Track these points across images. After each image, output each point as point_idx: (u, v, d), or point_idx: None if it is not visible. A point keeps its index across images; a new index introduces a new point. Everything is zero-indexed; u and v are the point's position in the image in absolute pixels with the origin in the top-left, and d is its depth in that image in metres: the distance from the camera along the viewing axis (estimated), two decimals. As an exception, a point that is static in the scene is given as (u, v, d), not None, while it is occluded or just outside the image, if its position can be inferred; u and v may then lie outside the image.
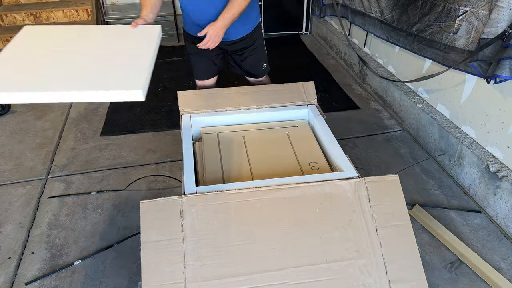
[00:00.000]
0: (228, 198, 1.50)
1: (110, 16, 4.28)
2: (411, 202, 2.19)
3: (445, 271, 1.81)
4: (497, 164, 2.07)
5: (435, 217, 2.08)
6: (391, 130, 2.85)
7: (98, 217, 2.10)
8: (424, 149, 2.62)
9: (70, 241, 1.96)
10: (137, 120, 2.96)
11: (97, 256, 1.88)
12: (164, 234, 1.42)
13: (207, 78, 2.32)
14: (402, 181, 2.21)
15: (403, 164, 2.49)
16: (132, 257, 1.87)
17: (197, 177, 1.77)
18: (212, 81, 2.37)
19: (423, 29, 2.39)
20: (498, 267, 1.83)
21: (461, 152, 2.28)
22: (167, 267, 1.38)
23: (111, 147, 2.66)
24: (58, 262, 1.86)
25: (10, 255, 1.89)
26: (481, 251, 1.91)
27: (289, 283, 1.39)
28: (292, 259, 1.43)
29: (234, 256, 1.41)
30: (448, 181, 2.35)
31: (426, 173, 2.42)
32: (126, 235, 1.98)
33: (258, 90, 2.28)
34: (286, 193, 1.53)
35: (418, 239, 1.94)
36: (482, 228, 2.04)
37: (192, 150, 1.83)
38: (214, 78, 2.36)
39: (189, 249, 1.40)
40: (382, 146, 2.66)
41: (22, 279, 1.78)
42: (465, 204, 2.19)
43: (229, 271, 1.39)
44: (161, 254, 1.39)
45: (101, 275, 1.79)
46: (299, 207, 1.51)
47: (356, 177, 1.61)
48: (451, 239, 1.95)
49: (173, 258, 1.39)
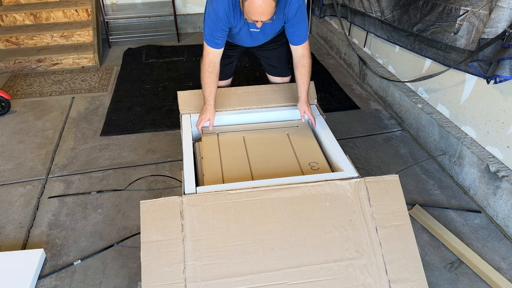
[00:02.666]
0: (228, 198, 1.50)
1: (110, 16, 4.28)
2: (411, 202, 2.19)
3: (445, 271, 1.81)
4: (497, 164, 2.07)
5: (435, 217, 2.08)
6: (391, 130, 2.85)
7: (98, 217, 2.10)
8: (424, 149, 2.62)
9: (70, 241, 1.96)
10: (137, 120, 2.96)
11: (97, 256, 1.88)
12: (164, 234, 1.42)
13: (225, 79, 2.34)
14: (402, 181, 2.21)
15: (403, 164, 2.49)
16: (132, 257, 1.87)
17: (197, 177, 1.77)
18: (228, 82, 2.40)
19: (424, 29, 2.39)
20: (498, 267, 1.83)
21: (461, 152, 2.28)
22: (167, 267, 1.38)
23: (111, 147, 2.66)
24: (58, 262, 1.85)
25: (10, 255, 1.88)
26: (481, 251, 1.91)
27: (289, 283, 1.39)
28: (292, 259, 1.43)
29: (234, 256, 1.41)
30: (448, 181, 2.35)
31: (426, 173, 2.42)
32: (126, 235, 1.98)
33: (258, 90, 2.28)
34: (286, 193, 1.53)
35: (418, 239, 1.94)
36: (482, 228, 2.04)
37: (192, 150, 1.83)
38: (231, 78, 2.39)
39: (189, 249, 1.40)
40: (382, 146, 2.66)
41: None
42: (465, 204, 2.19)
43: (229, 271, 1.39)
44: (161, 254, 1.39)
45: (101, 275, 1.79)
46: (299, 207, 1.51)
47: (356, 177, 1.61)
48: (451, 239, 1.95)
49: (173, 258, 1.39)
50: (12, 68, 3.73)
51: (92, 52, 3.82)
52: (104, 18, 4.21)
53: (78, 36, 3.99)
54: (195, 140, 2.06)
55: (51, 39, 3.94)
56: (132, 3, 4.52)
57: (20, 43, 3.91)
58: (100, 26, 4.26)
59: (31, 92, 3.36)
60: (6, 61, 3.68)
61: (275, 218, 1.48)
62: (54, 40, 3.96)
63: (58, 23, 4.13)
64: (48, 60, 3.77)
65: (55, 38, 3.95)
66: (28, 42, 3.91)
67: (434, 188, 2.30)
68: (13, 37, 3.85)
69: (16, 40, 3.88)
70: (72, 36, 3.98)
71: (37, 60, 3.75)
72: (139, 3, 4.52)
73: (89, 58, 3.85)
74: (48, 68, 3.80)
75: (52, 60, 3.78)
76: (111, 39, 4.42)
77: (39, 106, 3.16)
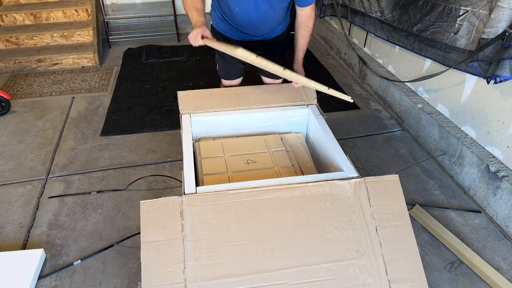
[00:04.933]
0: (228, 198, 1.50)
1: (110, 16, 4.28)
2: (411, 202, 2.19)
3: (445, 271, 1.81)
4: (497, 164, 2.07)
5: (435, 217, 2.08)
6: (391, 130, 2.85)
7: (98, 217, 2.10)
8: (424, 149, 2.62)
9: (70, 241, 1.96)
10: (137, 120, 2.96)
11: (97, 256, 1.88)
12: (164, 234, 1.42)
13: (235, 78, 2.33)
14: (402, 181, 2.21)
15: (403, 164, 2.49)
16: (132, 257, 1.87)
17: (197, 177, 1.77)
18: (239, 81, 2.38)
19: (424, 29, 2.39)
20: (498, 267, 1.83)
21: (461, 152, 2.28)
22: (167, 267, 1.37)
23: (111, 147, 2.66)
24: (58, 262, 1.86)
25: (10, 255, 1.88)
26: (481, 251, 1.91)
27: (289, 283, 1.39)
28: (292, 259, 1.43)
29: (234, 256, 1.41)
30: (448, 181, 2.35)
31: (426, 173, 2.42)
32: (126, 235, 1.98)
33: (258, 90, 2.28)
34: (286, 193, 1.53)
35: (418, 239, 1.94)
36: (482, 228, 2.04)
37: (192, 150, 1.83)
38: (241, 77, 2.36)
39: (189, 249, 1.40)
40: (382, 146, 2.66)
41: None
42: (465, 204, 2.19)
43: (229, 271, 1.39)
44: (161, 254, 1.39)
45: (101, 275, 1.79)
46: (299, 207, 1.51)
47: (356, 177, 1.61)
48: (451, 239, 1.95)
49: (173, 258, 1.39)
50: (12, 68, 3.73)
51: (92, 52, 3.82)
52: (104, 18, 4.21)
53: (78, 36, 3.99)
54: (195, 140, 2.06)
55: (51, 39, 3.94)
56: (132, 3, 4.52)
57: (20, 43, 3.91)
58: (100, 26, 4.25)
59: (31, 92, 3.36)
60: (6, 61, 3.68)
61: (275, 218, 1.48)
62: (54, 40, 3.96)
63: (58, 23, 4.12)
64: (48, 60, 3.77)
65: (55, 38, 3.95)
66: (28, 42, 3.91)
67: (434, 188, 2.30)
68: (13, 37, 3.85)
69: (16, 40, 3.88)
70: (72, 36, 3.98)
71: (37, 60, 3.75)
72: (139, 3, 4.52)
73: (89, 58, 3.85)
74: (48, 68, 3.80)
75: (52, 60, 3.78)
76: (111, 39, 4.42)
77: (39, 106, 3.17)
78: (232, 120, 2.15)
